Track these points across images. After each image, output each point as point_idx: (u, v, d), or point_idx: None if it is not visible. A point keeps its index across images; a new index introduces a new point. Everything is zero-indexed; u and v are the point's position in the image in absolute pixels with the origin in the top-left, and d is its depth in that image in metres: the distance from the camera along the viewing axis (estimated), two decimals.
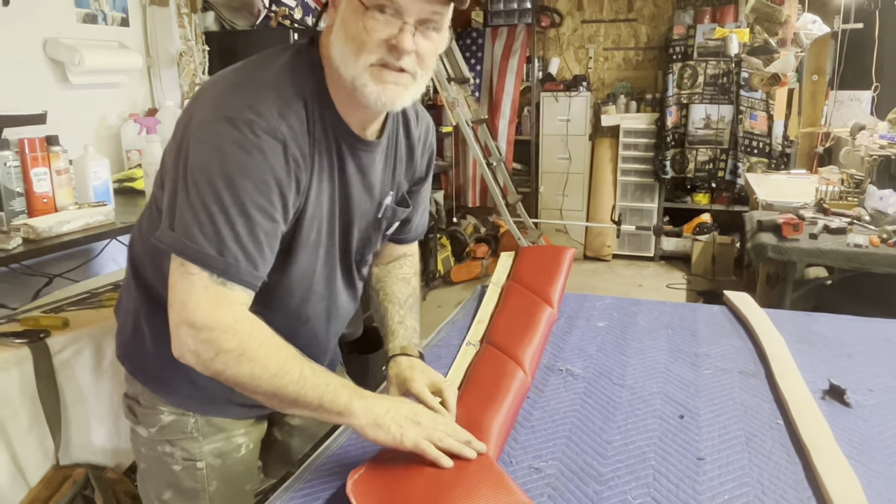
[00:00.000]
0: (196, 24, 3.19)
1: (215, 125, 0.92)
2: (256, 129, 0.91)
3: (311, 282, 1.12)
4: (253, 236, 0.92)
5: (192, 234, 0.90)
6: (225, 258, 0.90)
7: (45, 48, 2.58)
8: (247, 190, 0.91)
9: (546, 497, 0.95)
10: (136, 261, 1.15)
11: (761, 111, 4.95)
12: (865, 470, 1.00)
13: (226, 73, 1.02)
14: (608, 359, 1.40)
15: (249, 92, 0.95)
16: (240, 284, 0.92)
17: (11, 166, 1.98)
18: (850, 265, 2.31)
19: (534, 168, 5.78)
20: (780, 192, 3.27)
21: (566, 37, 5.74)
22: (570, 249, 1.76)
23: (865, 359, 1.39)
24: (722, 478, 0.99)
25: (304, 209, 1.02)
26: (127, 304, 1.20)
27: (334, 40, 0.98)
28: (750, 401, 1.22)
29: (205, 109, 0.95)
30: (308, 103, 0.99)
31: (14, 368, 1.60)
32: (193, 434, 1.17)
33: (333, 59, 0.99)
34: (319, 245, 1.09)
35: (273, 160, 0.93)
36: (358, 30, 0.94)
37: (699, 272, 5.12)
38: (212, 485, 1.19)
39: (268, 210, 0.93)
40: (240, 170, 0.90)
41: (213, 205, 0.90)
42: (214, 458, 1.19)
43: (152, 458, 1.19)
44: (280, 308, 1.10)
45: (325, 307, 1.18)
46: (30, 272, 2.16)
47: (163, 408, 1.16)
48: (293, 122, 0.96)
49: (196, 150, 0.92)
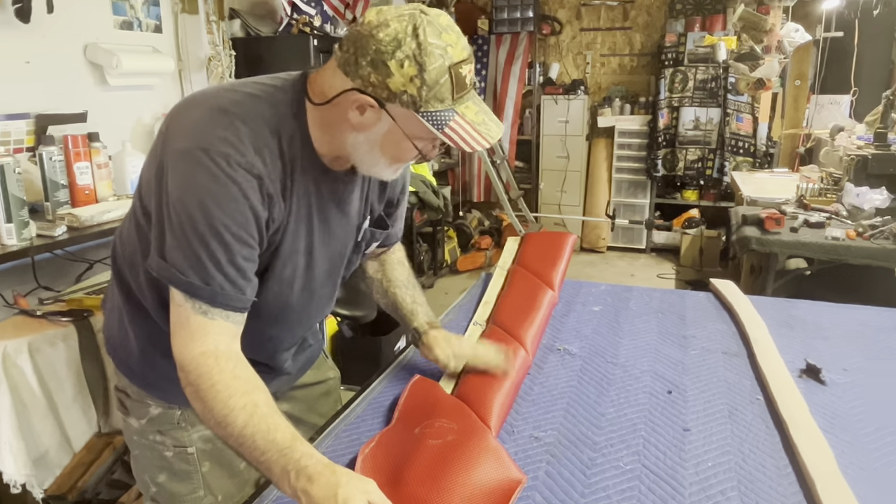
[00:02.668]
0: (223, 31, 3.19)
1: (192, 155, 0.86)
2: (232, 162, 0.86)
3: (284, 310, 1.06)
4: (234, 264, 0.88)
5: (179, 265, 0.86)
6: (211, 287, 0.86)
7: (85, 52, 2.60)
8: (224, 221, 0.86)
9: (545, 463, 0.96)
10: (118, 264, 1.08)
11: (747, 114, 4.93)
12: (838, 441, 1.01)
13: (205, 97, 0.94)
14: (602, 339, 1.41)
15: (226, 124, 0.88)
16: (226, 310, 0.88)
17: (56, 161, 2.00)
18: (828, 257, 2.31)
19: (534, 166, 5.77)
20: (763, 189, 3.26)
21: (565, 44, 5.72)
22: (572, 235, 1.76)
23: (840, 341, 1.40)
24: (706, 447, 1.00)
25: (280, 246, 0.97)
26: (112, 303, 1.14)
27: (361, 144, 0.94)
28: (733, 378, 1.23)
29: (182, 136, 0.89)
30: (283, 142, 0.92)
31: (61, 344, 1.63)
32: (181, 424, 1.12)
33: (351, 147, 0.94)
34: (294, 280, 1.03)
35: (249, 193, 0.87)
36: (399, 151, 0.94)
37: (688, 263, 5.11)
38: (204, 465, 1.15)
39: (246, 239, 0.89)
40: (216, 202, 0.85)
41: (193, 236, 0.85)
42: (203, 443, 1.14)
43: (145, 445, 1.15)
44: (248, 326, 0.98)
45: (296, 322, 1.12)
46: (73, 258, 2.18)
47: (150, 401, 1.12)
48: (268, 160, 0.90)
49: (174, 180, 0.87)
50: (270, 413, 0.83)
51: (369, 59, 0.85)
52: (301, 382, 1.31)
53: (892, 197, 2.57)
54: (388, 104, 0.87)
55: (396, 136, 0.91)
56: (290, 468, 0.78)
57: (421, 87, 0.85)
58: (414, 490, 0.84)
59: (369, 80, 0.86)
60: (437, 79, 0.85)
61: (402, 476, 0.88)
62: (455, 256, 5.18)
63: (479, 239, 5.44)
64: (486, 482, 0.87)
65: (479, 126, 0.90)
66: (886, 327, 1.48)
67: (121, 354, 1.13)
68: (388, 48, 0.84)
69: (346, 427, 1.08)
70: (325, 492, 0.75)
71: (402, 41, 0.84)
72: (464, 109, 0.89)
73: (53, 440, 1.62)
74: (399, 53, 0.84)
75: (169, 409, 1.12)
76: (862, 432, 1.05)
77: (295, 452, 0.79)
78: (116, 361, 1.15)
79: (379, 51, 0.84)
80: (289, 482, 0.77)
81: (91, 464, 1.68)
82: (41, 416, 1.59)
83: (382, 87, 0.86)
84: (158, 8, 2.96)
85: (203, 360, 0.85)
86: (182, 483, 1.15)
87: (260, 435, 0.80)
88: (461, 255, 5.24)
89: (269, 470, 0.80)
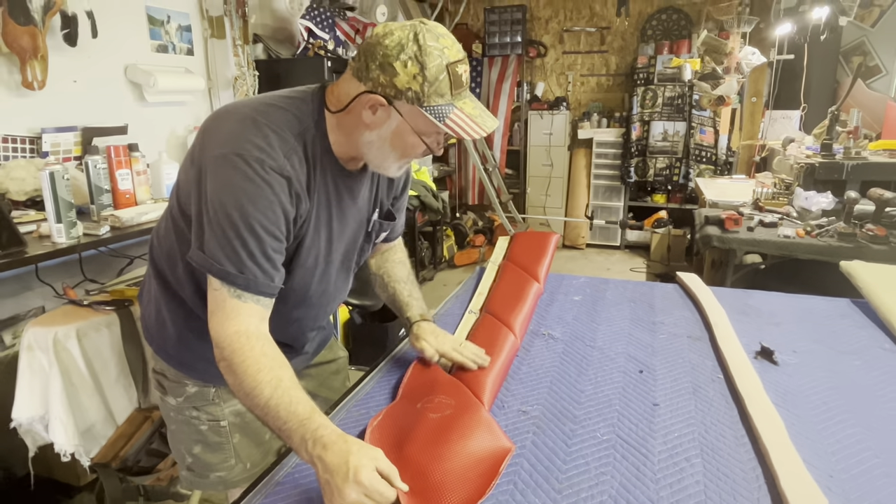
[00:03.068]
0: (248, 54, 3.18)
1: (229, 160, 0.87)
2: (265, 166, 0.87)
3: (306, 295, 1.06)
4: (266, 255, 0.89)
5: (217, 257, 0.87)
6: (245, 275, 0.87)
7: (125, 73, 2.59)
8: (258, 218, 0.87)
9: (531, 434, 0.97)
10: (156, 258, 1.08)
11: (709, 127, 4.92)
12: (789, 415, 1.01)
13: (236, 109, 0.94)
14: (582, 326, 1.41)
15: (258, 133, 0.89)
16: (258, 295, 0.89)
17: (101, 168, 1.99)
18: (780, 252, 2.31)
19: (522, 173, 5.76)
20: (724, 193, 3.26)
21: (550, 65, 5.70)
22: (556, 234, 1.76)
23: (791, 327, 1.40)
24: (673, 419, 1.00)
25: (304, 238, 0.98)
26: (148, 295, 1.13)
27: (374, 141, 0.94)
28: (696, 359, 1.23)
29: (218, 143, 0.89)
30: (308, 148, 0.93)
31: (105, 330, 1.62)
32: (215, 401, 1.13)
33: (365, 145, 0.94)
34: (316, 267, 1.03)
35: (280, 193, 0.88)
36: (407, 146, 0.93)
37: (657, 259, 5.11)
38: (234, 437, 1.15)
39: (276, 234, 0.90)
40: (251, 201, 0.86)
41: (231, 231, 0.86)
42: (234, 416, 1.14)
43: (181, 421, 1.14)
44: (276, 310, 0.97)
45: (318, 305, 1.12)
46: (115, 254, 2.18)
47: (187, 381, 1.12)
48: (296, 164, 0.91)
49: (213, 182, 0.87)
50: (293, 387, 0.84)
51: (378, 63, 0.87)
52: (315, 361, 1.31)
53: (836, 200, 2.57)
54: (396, 101, 0.89)
55: (404, 131, 0.91)
56: (308, 437, 0.78)
57: (423, 83, 0.86)
58: (416, 458, 0.85)
59: (378, 82, 0.88)
60: (436, 75, 0.86)
61: (406, 445, 0.88)
62: (452, 253, 5.18)
63: (474, 237, 5.43)
64: (479, 450, 0.87)
65: (476, 118, 0.91)
66: (831, 314, 1.48)
67: (158, 341, 1.12)
68: (393, 52, 0.86)
69: (357, 403, 1.08)
70: (337, 458, 0.75)
71: (405, 45, 0.86)
72: (462, 104, 0.90)
73: (99, 415, 1.62)
74: (403, 55, 0.86)
75: (204, 387, 1.12)
76: (809, 406, 1.05)
77: (312, 423, 0.80)
78: (155, 347, 1.14)
79: (386, 55, 0.86)
80: (306, 449, 0.78)
81: (132, 435, 1.68)
82: (88, 394, 1.59)
83: (390, 86, 0.87)
84: (190, 34, 2.95)
85: (236, 338, 0.86)
86: (215, 453, 1.15)
87: (283, 406, 0.81)
88: (458, 251, 5.24)
89: (289, 438, 0.81)
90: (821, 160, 2.73)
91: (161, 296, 1.07)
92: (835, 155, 2.75)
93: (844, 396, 1.08)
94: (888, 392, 1.10)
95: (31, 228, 1.83)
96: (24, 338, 1.56)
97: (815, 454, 0.91)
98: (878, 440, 0.95)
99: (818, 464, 0.88)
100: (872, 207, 2.35)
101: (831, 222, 2.39)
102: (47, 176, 1.68)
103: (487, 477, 0.82)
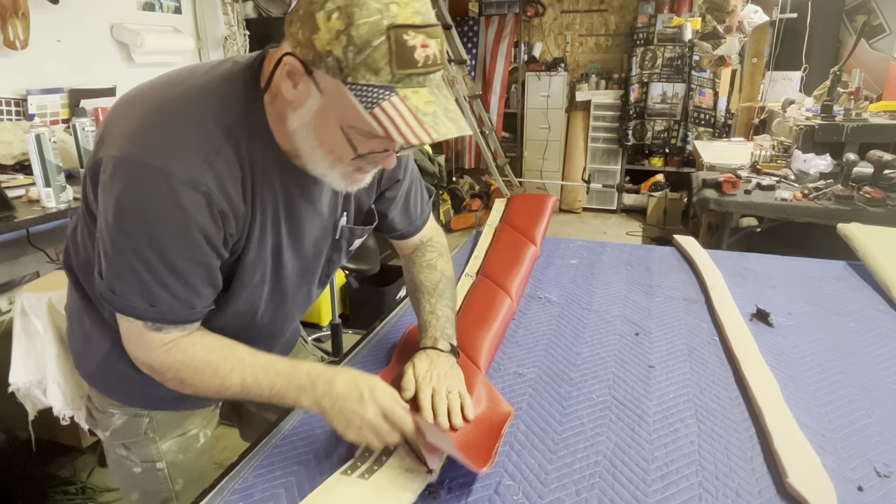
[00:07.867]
0: (238, 12, 3.08)
1: (130, 169, 0.66)
2: (174, 181, 0.65)
3: (254, 318, 0.87)
4: (184, 283, 0.71)
5: (120, 291, 0.70)
6: (158, 307, 0.71)
7: (112, 32, 2.50)
8: (171, 247, 0.68)
9: (528, 396, 0.96)
10: (74, 268, 0.88)
11: (709, 88, 4.84)
12: (783, 376, 1.01)
13: (146, 93, 0.73)
14: (578, 289, 1.40)
15: (169, 130, 0.67)
16: (177, 325, 0.73)
17: (89, 131, 1.95)
18: (777, 215, 2.30)
19: (519, 136, 5.69)
20: (721, 156, 3.22)
21: (547, 25, 5.56)
22: (552, 197, 1.74)
23: (786, 289, 1.40)
24: (668, 381, 1.00)
25: (244, 255, 0.78)
26: (71, 307, 0.94)
27: (298, 129, 0.70)
28: (692, 322, 1.23)
29: (121, 139, 0.68)
30: (242, 142, 0.71)
31: None
32: (149, 435, 0.93)
33: (292, 135, 0.71)
34: (263, 285, 0.84)
35: (195, 214, 0.68)
36: (339, 144, 0.68)
37: (653, 222, 5.10)
38: (177, 483, 0.97)
39: (198, 259, 0.71)
40: (160, 228, 0.67)
41: (138, 262, 0.68)
42: (175, 454, 0.96)
43: (113, 460, 0.96)
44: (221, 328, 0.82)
45: (270, 330, 0.94)
46: None
47: (113, 410, 0.93)
48: (221, 168, 0.69)
49: (111, 194, 0.67)
50: (258, 358, 0.76)
51: (300, 13, 0.63)
52: None
53: (834, 163, 2.54)
54: (316, 70, 0.63)
55: (327, 119, 0.67)
56: (304, 383, 0.73)
57: (347, 46, 0.60)
58: None
59: (297, 38, 0.63)
60: (367, 38, 0.60)
61: None
62: (449, 217, 5.15)
63: (470, 201, 5.40)
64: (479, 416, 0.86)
65: (425, 117, 0.62)
66: (826, 277, 1.47)
67: (83, 360, 0.93)
68: None
69: (353, 365, 1.07)
70: (347, 385, 0.72)
71: None
72: (408, 93, 0.62)
73: None
74: (329, 4, 0.60)
75: (135, 416, 0.93)
76: (803, 367, 1.05)
77: (300, 370, 0.74)
78: (81, 370, 0.94)
79: (312, 1, 0.62)
80: (306, 395, 0.73)
81: None
82: None
83: (308, 45, 0.62)
84: None
85: (171, 358, 0.73)
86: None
87: (261, 378, 0.74)
88: (454, 215, 5.21)
89: (284, 397, 0.74)
90: (820, 122, 2.70)
91: (83, 308, 0.88)
92: (835, 117, 2.71)
93: (838, 357, 1.08)
94: (882, 353, 1.10)
95: (20, 193, 1.80)
96: (17, 303, 1.55)
97: (808, 414, 0.91)
98: (871, 400, 0.95)
99: (811, 423, 0.89)
100: (871, 170, 2.33)
101: (828, 185, 2.37)
102: (33, 139, 1.63)
103: (489, 442, 0.81)
